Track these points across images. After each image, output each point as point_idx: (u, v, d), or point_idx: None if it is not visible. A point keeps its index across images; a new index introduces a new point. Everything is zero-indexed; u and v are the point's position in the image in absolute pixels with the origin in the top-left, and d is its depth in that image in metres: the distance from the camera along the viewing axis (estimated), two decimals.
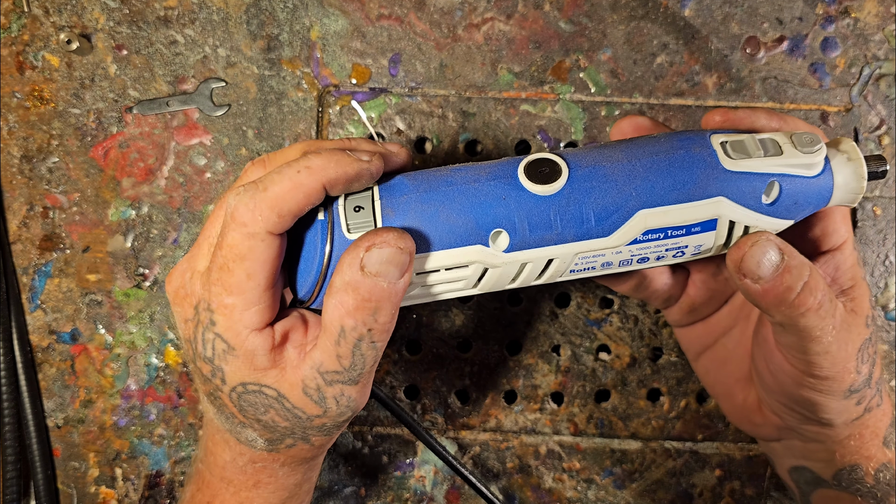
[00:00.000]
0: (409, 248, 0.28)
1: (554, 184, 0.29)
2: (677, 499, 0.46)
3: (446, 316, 0.45)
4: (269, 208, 0.27)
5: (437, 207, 0.30)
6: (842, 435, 0.36)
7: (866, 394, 0.34)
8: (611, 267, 0.31)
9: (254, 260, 0.28)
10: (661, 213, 0.30)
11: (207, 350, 0.29)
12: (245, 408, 0.30)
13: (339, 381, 0.29)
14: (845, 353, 0.33)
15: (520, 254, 0.30)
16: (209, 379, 0.30)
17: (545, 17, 0.44)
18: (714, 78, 0.44)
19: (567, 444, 0.46)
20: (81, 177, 0.44)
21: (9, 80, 0.44)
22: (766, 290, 0.30)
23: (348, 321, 0.28)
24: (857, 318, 0.33)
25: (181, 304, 0.30)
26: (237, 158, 0.44)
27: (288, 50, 0.44)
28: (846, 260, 0.34)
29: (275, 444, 0.31)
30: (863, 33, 0.44)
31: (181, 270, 0.31)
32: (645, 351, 0.46)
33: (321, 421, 0.31)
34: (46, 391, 0.45)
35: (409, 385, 0.46)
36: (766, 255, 0.30)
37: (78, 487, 0.46)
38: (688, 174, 0.30)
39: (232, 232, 0.28)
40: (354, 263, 0.28)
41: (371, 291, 0.28)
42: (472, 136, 0.45)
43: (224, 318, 0.28)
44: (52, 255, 0.45)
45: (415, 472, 0.46)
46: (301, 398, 0.30)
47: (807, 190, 0.30)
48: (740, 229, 0.31)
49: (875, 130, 0.44)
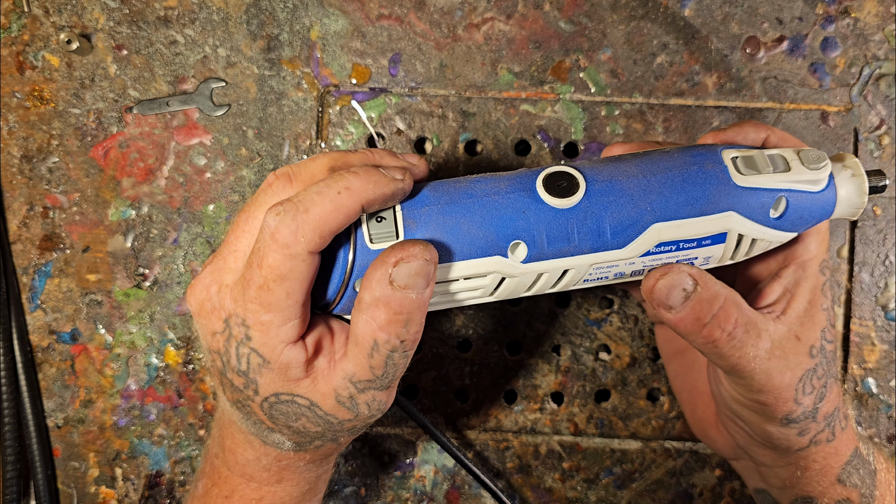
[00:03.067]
0: (434, 259, 0.29)
1: (572, 197, 0.30)
2: (677, 499, 0.46)
3: (446, 316, 0.45)
4: (312, 230, 0.28)
5: (457, 219, 0.30)
6: (786, 462, 0.36)
7: (809, 426, 0.34)
8: (623, 277, 0.32)
9: (294, 280, 0.28)
10: (674, 227, 0.30)
11: (242, 364, 0.30)
12: (276, 416, 0.31)
13: (372, 388, 0.30)
14: (779, 382, 0.32)
15: (537, 265, 0.30)
16: (240, 390, 0.31)
17: (545, 17, 0.44)
18: (714, 78, 0.44)
19: (567, 444, 0.46)
20: (81, 177, 0.44)
21: (9, 80, 0.44)
22: (678, 319, 0.31)
23: (381, 335, 0.28)
24: (800, 345, 0.33)
25: (208, 317, 0.30)
26: (237, 158, 0.44)
27: (288, 50, 0.44)
28: (807, 279, 0.33)
29: (303, 446, 0.32)
30: (863, 33, 0.44)
31: (205, 284, 0.31)
32: (645, 351, 0.46)
33: (352, 424, 0.31)
34: (46, 391, 0.45)
35: (409, 385, 0.46)
36: (676, 286, 0.31)
37: (78, 487, 0.46)
38: (701, 190, 0.31)
39: (273, 253, 0.28)
40: (384, 279, 0.28)
41: (402, 305, 0.28)
42: (472, 136, 0.45)
43: (260, 334, 0.29)
44: (52, 255, 0.45)
45: (415, 472, 0.46)
46: (334, 406, 0.30)
47: (812, 205, 0.32)
48: (748, 242, 0.32)
49: (875, 130, 0.44)
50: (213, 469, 0.34)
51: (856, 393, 0.45)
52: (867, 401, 0.45)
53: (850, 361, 0.45)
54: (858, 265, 0.44)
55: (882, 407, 0.45)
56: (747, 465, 0.39)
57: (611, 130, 0.44)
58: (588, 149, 0.44)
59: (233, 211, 0.45)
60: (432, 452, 0.46)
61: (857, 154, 0.44)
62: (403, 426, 0.46)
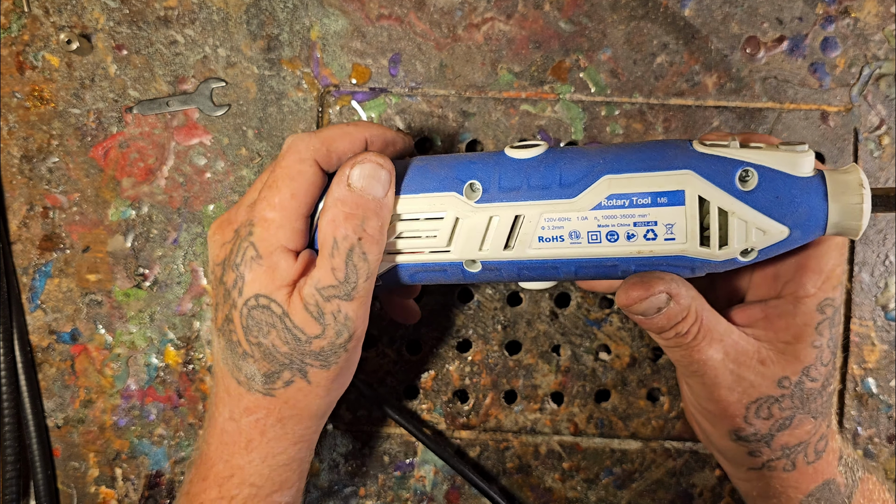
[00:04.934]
0: (388, 166, 0.32)
1: (531, 150, 0.33)
2: (677, 499, 0.46)
3: (446, 316, 0.46)
4: (321, 142, 0.33)
5: (426, 163, 0.34)
6: (745, 477, 0.36)
7: (761, 450, 0.34)
8: (579, 240, 0.31)
9: (301, 181, 0.32)
10: (624, 179, 0.31)
11: (238, 256, 0.32)
12: (251, 327, 0.32)
13: (336, 297, 0.31)
14: (726, 395, 0.33)
15: (489, 206, 0.32)
16: (229, 292, 0.33)
17: (545, 17, 0.44)
18: (714, 78, 0.44)
19: (567, 444, 0.46)
20: (81, 177, 0.44)
21: (9, 80, 0.44)
22: (643, 321, 0.33)
23: (339, 231, 0.31)
24: (765, 370, 0.33)
25: (222, 231, 0.34)
26: (237, 158, 0.44)
27: (288, 50, 0.44)
28: (797, 315, 0.33)
29: (272, 379, 0.32)
30: (863, 33, 0.44)
31: (228, 212, 0.35)
32: (645, 351, 0.46)
33: (319, 344, 0.32)
34: (46, 391, 0.45)
35: (409, 385, 0.46)
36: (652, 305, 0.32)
37: (78, 487, 0.46)
38: (656, 151, 0.31)
39: (287, 157, 0.32)
40: (341, 181, 0.32)
41: (357, 203, 0.31)
42: (472, 136, 0.45)
43: (261, 229, 0.32)
44: (52, 255, 0.45)
45: (415, 472, 0.46)
46: (302, 316, 0.31)
47: (791, 187, 0.29)
48: (714, 211, 0.30)
49: (875, 130, 0.44)
50: (198, 453, 0.35)
51: (856, 393, 0.45)
52: (867, 401, 0.45)
53: (850, 361, 0.45)
54: (858, 265, 0.44)
55: (882, 407, 0.45)
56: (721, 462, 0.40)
57: (611, 130, 0.44)
58: None
59: None
60: (432, 453, 0.46)
61: (857, 154, 0.44)
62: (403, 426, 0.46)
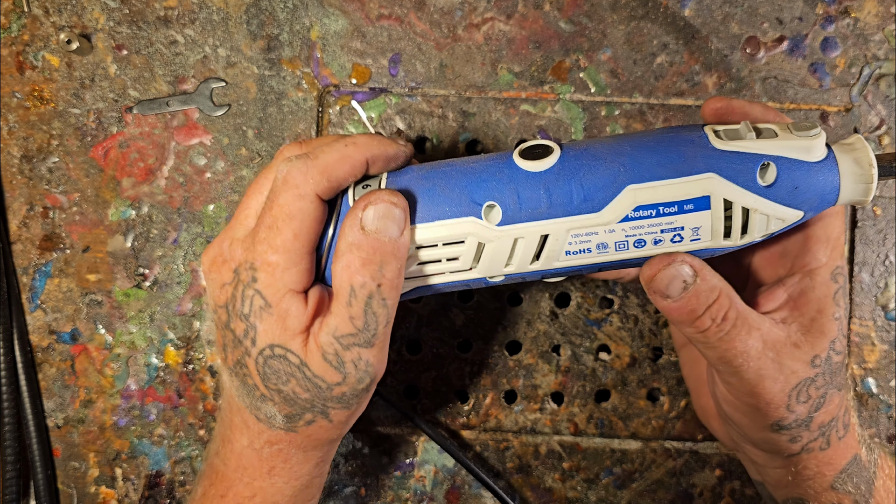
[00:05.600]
0: (401, 203, 0.30)
1: (544, 160, 0.31)
2: (677, 499, 0.46)
3: (446, 316, 0.46)
4: (320, 173, 0.30)
5: (434, 182, 0.31)
6: (778, 465, 0.35)
7: (802, 434, 0.33)
8: (606, 251, 0.31)
9: (302, 220, 0.30)
10: (649, 189, 0.30)
11: (245, 306, 0.30)
12: (268, 375, 0.31)
13: (356, 344, 0.30)
14: (770, 386, 0.32)
15: (512, 228, 0.31)
16: (240, 341, 0.31)
17: (545, 17, 0.44)
18: (714, 78, 0.44)
19: (567, 444, 0.46)
20: (81, 177, 0.44)
21: (9, 80, 0.44)
22: (673, 308, 0.31)
23: (357, 279, 0.29)
24: (799, 353, 0.32)
25: (219, 270, 0.32)
26: (237, 158, 0.44)
27: (288, 50, 0.44)
28: (816, 288, 0.33)
29: (294, 420, 0.32)
30: (863, 33, 0.44)
31: (218, 241, 0.32)
32: (645, 351, 0.46)
33: (341, 390, 0.31)
34: (46, 391, 0.45)
35: (409, 385, 0.46)
36: (676, 277, 0.30)
37: (78, 487, 0.46)
38: (676, 151, 0.30)
39: (284, 194, 0.30)
40: (354, 224, 0.30)
41: (374, 247, 0.29)
42: (472, 136, 0.45)
43: (266, 275, 0.30)
44: (52, 255, 0.45)
45: (415, 472, 0.46)
46: (321, 365, 0.30)
47: (808, 175, 0.30)
48: (739, 211, 0.30)
49: (875, 130, 0.44)
50: (212, 468, 0.34)
51: (856, 393, 0.45)
52: (867, 401, 0.45)
53: (851, 361, 0.45)
54: (858, 265, 0.44)
55: (882, 407, 0.45)
56: (743, 457, 0.39)
57: (611, 130, 0.44)
58: None
59: (233, 211, 0.45)
60: (432, 452, 0.46)
61: None
62: (403, 426, 0.46)
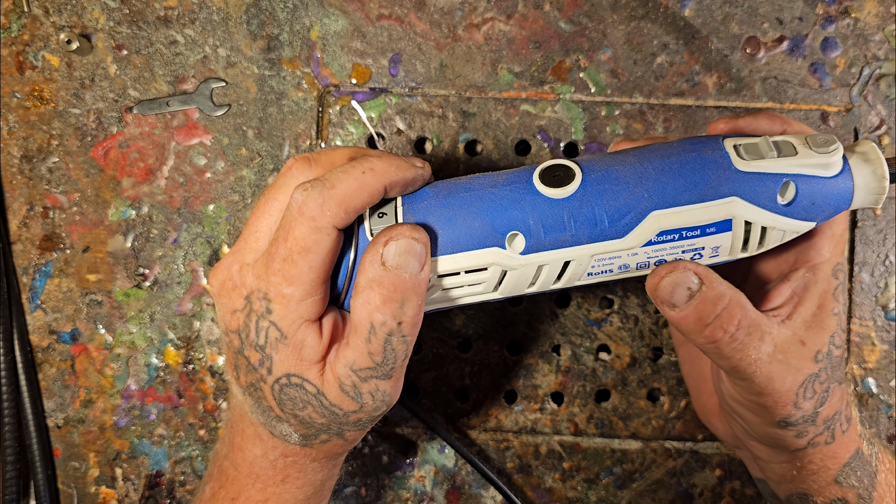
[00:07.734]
0: (423, 238, 0.29)
1: (567, 187, 0.30)
2: (677, 499, 0.46)
3: (446, 316, 0.45)
4: (337, 205, 0.29)
5: (454, 211, 0.31)
6: (783, 460, 0.35)
7: (808, 429, 0.33)
8: (628, 270, 0.31)
9: (317, 253, 0.29)
10: (673, 214, 0.30)
11: (260, 338, 0.30)
12: (284, 402, 0.31)
13: (374, 377, 0.30)
14: (779, 386, 0.32)
15: (536, 256, 0.30)
16: (255, 368, 0.31)
17: (545, 17, 0.44)
18: (714, 78, 0.44)
19: (567, 444, 0.46)
20: (81, 177, 0.44)
21: (9, 80, 0.44)
22: (681, 318, 0.31)
23: (377, 317, 0.29)
24: (804, 350, 0.32)
25: (228, 295, 0.31)
26: (237, 158, 0.44)
27: (288, 50, 0.44)
28: (818, 283, 0.33)
29: (309, 439, 0.32)
30: (863, 33, 0.44)
31: (227, 265, 0.31)
32: (645, 351, 0.46)
33: (357, 417, 0.31)
34: (46, 391, 0.45)
35: (409, 385, 0.46)
36: (680, 285, 0.30)
37: (78, 487, 0.46)
38: (699, 175, 0.30)
39: (300, 226, 0.29)
40: (375, 260, 0.29)
41: (395, 284, 0.29)
42: (472, 136, 0.45)
43: (281, 307, 0.29)
44: (52, 255, 0.45)
45: (415, 472, 0.46)
46: (338, 395, 0.30)
47: (825, 190, 0.30)
48: (757, 230, 0.30)
49: (875, 130, 0.44)
50: (221, 471, 0.34)
51: (856, 393, 0.45)
52: (867, 401, 0.45)
53: (851, 361, 0.45)
54: (858, 265, 0.44)
55: (882, 407, 0.45)
56: (747, 454, 0.39)
57: (611, 130, 0.44)
58: (588, 149, 0.44)
59: (233, 211, 0.45)
60: (432, 452, 0.46)
61: None
62: (404, 426, 0.46)
